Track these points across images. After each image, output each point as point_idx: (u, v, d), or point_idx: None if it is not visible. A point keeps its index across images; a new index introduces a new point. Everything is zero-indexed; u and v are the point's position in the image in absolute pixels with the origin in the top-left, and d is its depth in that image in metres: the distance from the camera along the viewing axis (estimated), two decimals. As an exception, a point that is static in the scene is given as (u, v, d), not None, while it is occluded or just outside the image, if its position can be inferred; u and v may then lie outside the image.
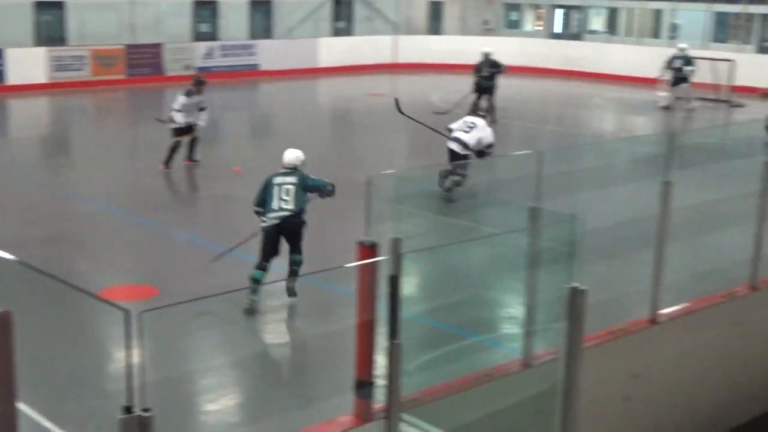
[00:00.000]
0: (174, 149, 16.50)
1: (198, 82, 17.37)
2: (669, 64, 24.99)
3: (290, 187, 10.09)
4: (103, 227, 13.20)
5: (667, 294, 7.82)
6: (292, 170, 10.34)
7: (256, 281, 9.69)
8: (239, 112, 26.13)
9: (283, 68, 31.44)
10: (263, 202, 10.07)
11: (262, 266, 9.83)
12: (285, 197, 10.00)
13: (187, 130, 16.83)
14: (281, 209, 9.92)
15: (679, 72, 24.60)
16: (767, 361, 8.84)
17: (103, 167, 17.31)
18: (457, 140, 14.18)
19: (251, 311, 9.51)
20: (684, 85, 24.92)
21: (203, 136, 17.11)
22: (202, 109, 17.03)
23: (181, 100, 16.87)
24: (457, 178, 13.65)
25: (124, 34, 29.53)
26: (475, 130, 14.32)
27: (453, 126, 14.77)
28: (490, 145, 14.28)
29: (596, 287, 6.47)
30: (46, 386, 7.82)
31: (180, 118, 16.75)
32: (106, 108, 25.68)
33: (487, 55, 23.02)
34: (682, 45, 26.11)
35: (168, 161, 16.43)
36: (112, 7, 29.39)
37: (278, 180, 10.16)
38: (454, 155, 13.95)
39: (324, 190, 10.46)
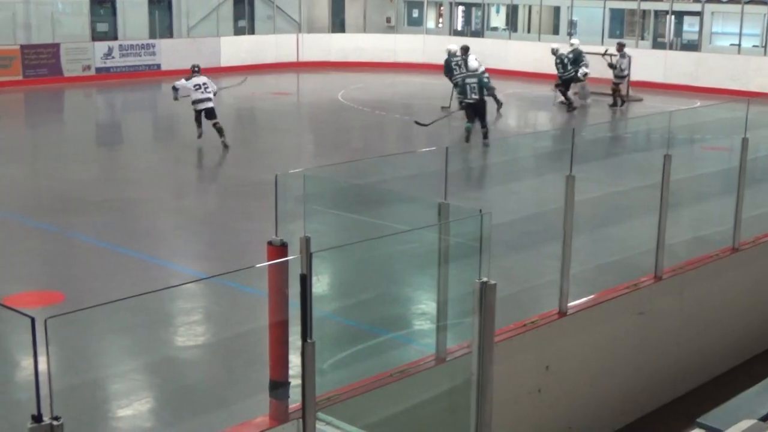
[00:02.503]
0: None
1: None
2: (561, 61, 25.31)
3: (475, 84, 18.95)
4: (4, 233, 12.87)
5: (574, 286, 7.95)
6: (474, 72, 19.51)
7: (468, 130, 18.75)
8: (141, 113, 25.74)
9: (185, 68, 30.84)
10: (464, 92, 19.06)
11: (472, 120, 18.86)
12: (473, 92, 18.84)
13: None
14: (472, 98, 18.82)
15: (565, 69, 25.00)
16: (673, 349, 9.06)
17: (1, 171, 16.87)
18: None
19: (468, 138, 18.58)
20: (580, 81, 25.48)
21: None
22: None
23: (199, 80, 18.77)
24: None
25: (19, 33, 28.82)
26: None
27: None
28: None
29: (505, 281, 6.57)
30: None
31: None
32: (2, 110, 25.02)
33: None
34: (574, 41, 26.68)
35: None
36: (6, 5, 28.65)
37: (468, 80, 19.14)
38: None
39: (490, 88, 19.99)
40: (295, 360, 5.21)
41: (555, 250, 8.02)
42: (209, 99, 18.74)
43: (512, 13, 35.68)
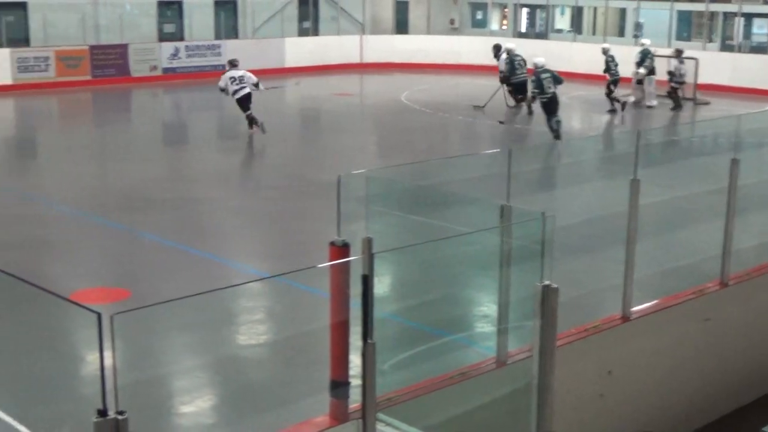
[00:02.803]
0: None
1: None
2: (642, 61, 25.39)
3: (550, 79, 20.27)
4: (71, 230, 13.10)
5: (638, 291, 7.86)
6: (547, 69, 20.45)
7: (558, 123, 20.04)
8: (206, 113, 26.01)
9: (249, 68, 31.24)
10: (540, 87, 20.22)
11: (554, 113, 20.13)
12: (549, 85, 20.22)
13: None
14: (548, 91, 20.20)
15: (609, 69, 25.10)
16: (738, 356, 8.91)
17: (69, 170, 17.18)
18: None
19: (559, 135, 19.89)
20: (646, 82, 25.44)
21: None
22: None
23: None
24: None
25: (88, 34, 29.32)
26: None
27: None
28: None
29: (568, 285, 6.50)
30: (19, 390, 7.76)
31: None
32: (71, 110, 25.48)
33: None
34: (645, 41, 26.47)
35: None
36: (76, 7, 29.16)
37: (543, 75, 20.27)
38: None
39: (560, 81, 20.60)
40: (355, 360, 5.23)
41: (618, 254, 7.94)
42: (244, 88, 20.08)
43: (577, 14, 35.38)
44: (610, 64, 24.88)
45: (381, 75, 32.58)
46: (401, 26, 37.40)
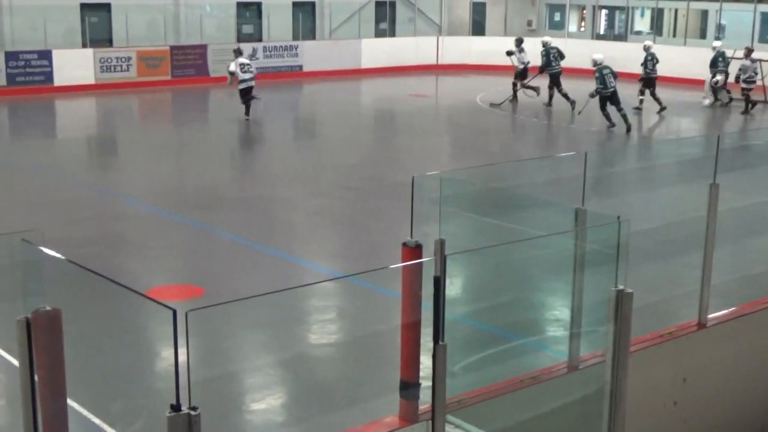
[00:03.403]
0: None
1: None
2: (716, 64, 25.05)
3: (610, 74, 21.57)
4: (149, 227, 13.32)
5: (715, 297, 7.72)
6: (606, 65, 21.73)
7: (625, 116, 21.46)
8: (283, 114, 26.24)
9: (326, 69, 31.56)
10: (603, 82, 21.50)
11: (617, 103, 21.55)
12: (611, 80, 21.52)
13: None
14: (611, 85, 21.46)
15: (549, 64, 25.33)
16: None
17: (148, 168, 17.48)
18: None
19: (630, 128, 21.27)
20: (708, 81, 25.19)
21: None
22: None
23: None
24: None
25: (169, 35, 29.80)
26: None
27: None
28: None
29: (642, 290, 6.41)
30: (94, 384, 7.91)
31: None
32: (151, 109, 25.92)
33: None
34: (716, 43, 26.08)
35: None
36: (157, 8, 29.67)
37: (605, 71, 21.54)
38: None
39: (616, 75, 21.85)
40: (426, 362, 5.22)
41: (696, 260, 7.80)
42: (252, 79, 22.22)
43: (657, 16, 34.87)
44: (550, 58, 25.18)
45: (457, 76, 32.52)
46: (478, 28, 37.27)
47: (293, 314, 9.70)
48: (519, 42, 26.67)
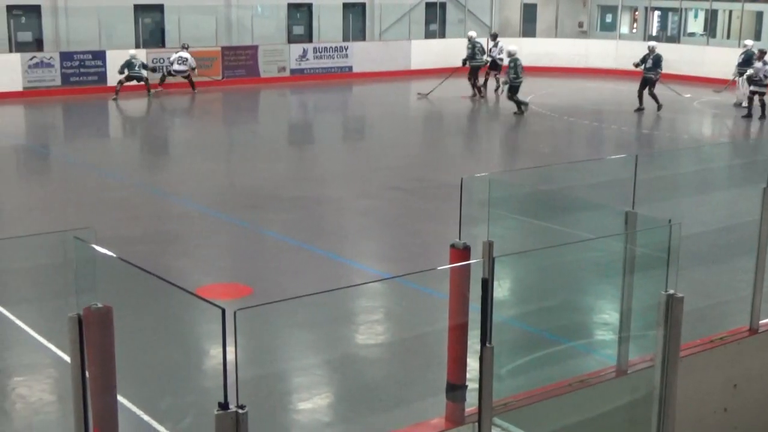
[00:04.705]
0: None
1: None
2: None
3: (521, 65, 23.19)
4: (198, 226, 13.44)
5: (767, 303, 7.61)
6: (518, 58, 23.44)
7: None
8: (333, 114, 26.34)
9: (375, 70, 31.59)
10: (516, 73, 23.16)
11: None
12: (522, 71, 23.27)
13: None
14: (522, 76, 23.25)
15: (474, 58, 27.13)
16: None
17: (198, 167, 17.63)
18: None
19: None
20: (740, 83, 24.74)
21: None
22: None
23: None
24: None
25: (220, 36, 30.04)
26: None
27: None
28: None
29: (693, 294, 6.35)
30: (144, 381, 8.00)
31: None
32: (202, 109, 26.13)
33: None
34: (747, 42, 25.63)
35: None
36: (209, 9, 29.91)
37: (518, 62, 23.08)
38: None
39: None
40: (473, 363, 5.21)
41: (748, 265, 7.70)
42: (184, 69, 26.62)
43: (711, 18, 34.46)
44: (475, 51, 26.99)
45: (507, 78, 32.36)
46: (529, 29, 37.08)
47: (341, 314, 9.73)
48: (494, 37, 29.12)
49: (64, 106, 25.23)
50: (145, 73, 26.24)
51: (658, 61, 24.42)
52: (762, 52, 24.24)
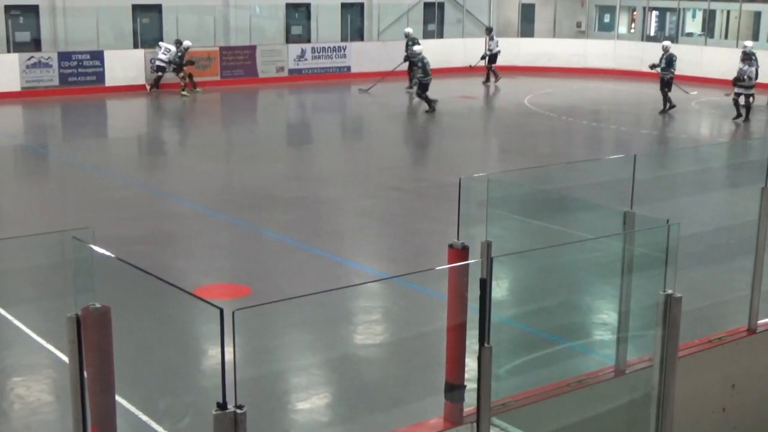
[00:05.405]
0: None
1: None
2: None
3: (428, 63, 23.88)
4: (196, 226, 13.44)
5: (765, 303, 7.61)
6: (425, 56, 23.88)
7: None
8: (330, 114, 26.33)
9: (374, 70, 31.57)
10: (425, 71, 23.42)
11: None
12: (429, 69, 23.80)
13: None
14: (430, 74, 24.14)
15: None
16: None
17: (196, 167, 17.62)
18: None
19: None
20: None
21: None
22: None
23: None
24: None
25: (218, 36, 30.02)
26: None
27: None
28: None
29: (692, 295, 6.35)
30: (142, 381, 7.99)
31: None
32: (200, 109, 26.11)
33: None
34: (747, 43, 25.59)
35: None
36: (207, 9, 29.89)
37: (426, 61, 23.79)
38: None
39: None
40: (471, 364, 5.21)
41: (746, 265, 7.70)
42: (164, 59, 26.80)
43: (709, 18, 34.47)
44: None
45: (505, 78, 32.35)
46: (527, 29, 37.08)
47: (339, 314, 9.73)
48: (489, 31, 30.59)
49: (62, 106, 25.21)
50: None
51: (670, 60, 24.47)
52: (746, 54, 24.05)
